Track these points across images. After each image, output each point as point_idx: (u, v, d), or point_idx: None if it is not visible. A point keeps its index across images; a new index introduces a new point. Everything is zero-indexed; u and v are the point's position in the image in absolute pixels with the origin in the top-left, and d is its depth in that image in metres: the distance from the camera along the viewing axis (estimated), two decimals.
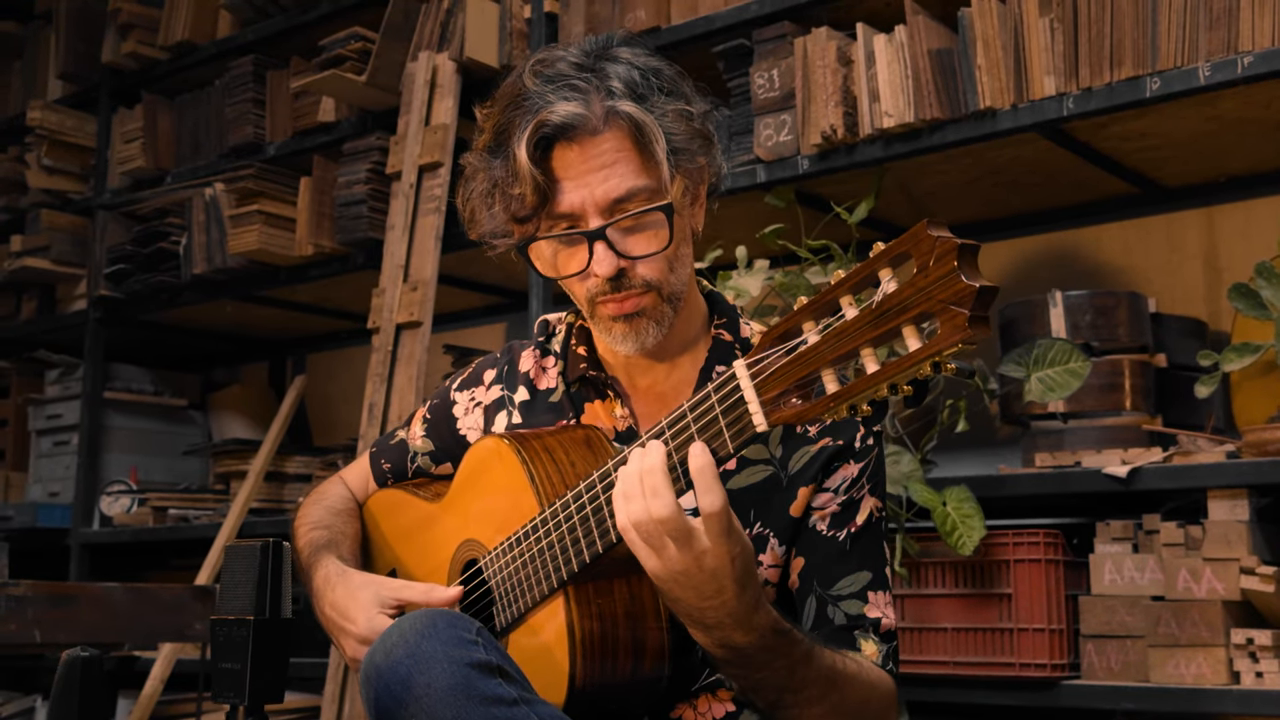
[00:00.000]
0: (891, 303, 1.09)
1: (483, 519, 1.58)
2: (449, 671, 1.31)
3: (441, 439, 1.82)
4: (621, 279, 1.53)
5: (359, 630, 1.55)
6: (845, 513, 1.59)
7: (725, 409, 1.27)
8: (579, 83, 1.51)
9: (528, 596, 1.49)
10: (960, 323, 1.04)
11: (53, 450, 4.51)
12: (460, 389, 1.82)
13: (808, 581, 1.58)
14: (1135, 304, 2.85)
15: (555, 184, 1.52)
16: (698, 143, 1.56)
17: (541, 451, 1.52)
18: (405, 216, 3.41)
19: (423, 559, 1.70)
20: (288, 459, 4.13)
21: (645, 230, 1.53)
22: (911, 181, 3.08)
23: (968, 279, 1.04)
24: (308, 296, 4.14)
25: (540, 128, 1.49)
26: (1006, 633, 2.61)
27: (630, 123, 1.50)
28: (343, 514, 1.83)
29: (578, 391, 1.69)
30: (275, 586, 1.47)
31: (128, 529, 4.17)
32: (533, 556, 1.47)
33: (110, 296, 4.27)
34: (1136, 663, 2.54)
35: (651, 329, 1.56)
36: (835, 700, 1.46)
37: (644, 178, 1.51)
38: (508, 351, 1.81)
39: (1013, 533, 2.62)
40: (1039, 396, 2.62)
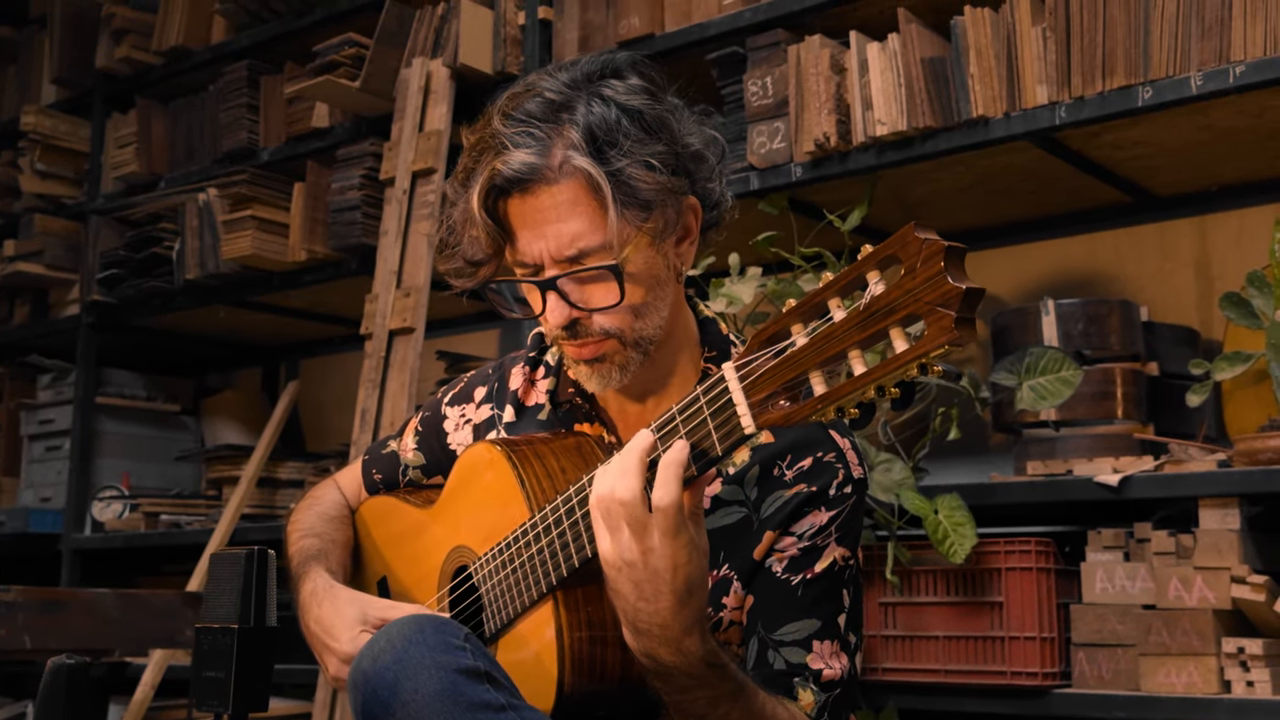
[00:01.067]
0: (879, 305, 1.09)
1: (473, 525, 1.58)
2: (436, 677, 1.30)
3: (432, 452, 1.82)
4: (576, 327, 1.53)
5: (342, 648, 1.55)
6: (804, 558, 1.57)
7: (714, 411, 1.27)
8: (539, 131, 1.49)
9: (517, 603, 1.48)
10: (947, 324, 1.04)
11: (45, 455, 4.50)
12: (452, 404, 1.82)
13: (753, 622, 1.56)
14: (1127, 312, 2.85)
15: (512, 232, 1.52)
16: (672, 189, 1.52)
17: (532, 457, 1.52)
18: (399, 222, 3.40)
19: (413, 566, 1.69)
20: (280, 465, 4.13)
21: (598, 284, 1.52)
22: (904, 189, 3.08)
23: (954, 280, 1.04)
24: (301, 302, 4.14)
25: (493, 177, 1.49)
26: (998, 641, 2.61)
27: (585, 176, 1.48)
28: (335, 520, 1.82)
29: (566, 413, 1.68)
30: (260, 595, 1.47)
31: (119, 535, 4.16)
32: (522, 563, 1.47)
33: (103, 301, 4.26)
34: (1128, 671, 2.53)
35: (615, 373, 1.56)
36: None
37: (599, 233, 1.49)
38: (499, 368, 1.80)
39: (1004, 541, 2.62)
40: (1031, 405, 2.62)
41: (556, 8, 3.32)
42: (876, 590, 2.74)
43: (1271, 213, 2.97)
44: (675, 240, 1.58)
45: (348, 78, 3.58)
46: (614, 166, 1.48)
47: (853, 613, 1.58)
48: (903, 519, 2.64)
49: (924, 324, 1.06)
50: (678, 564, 1.29)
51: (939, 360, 1.06)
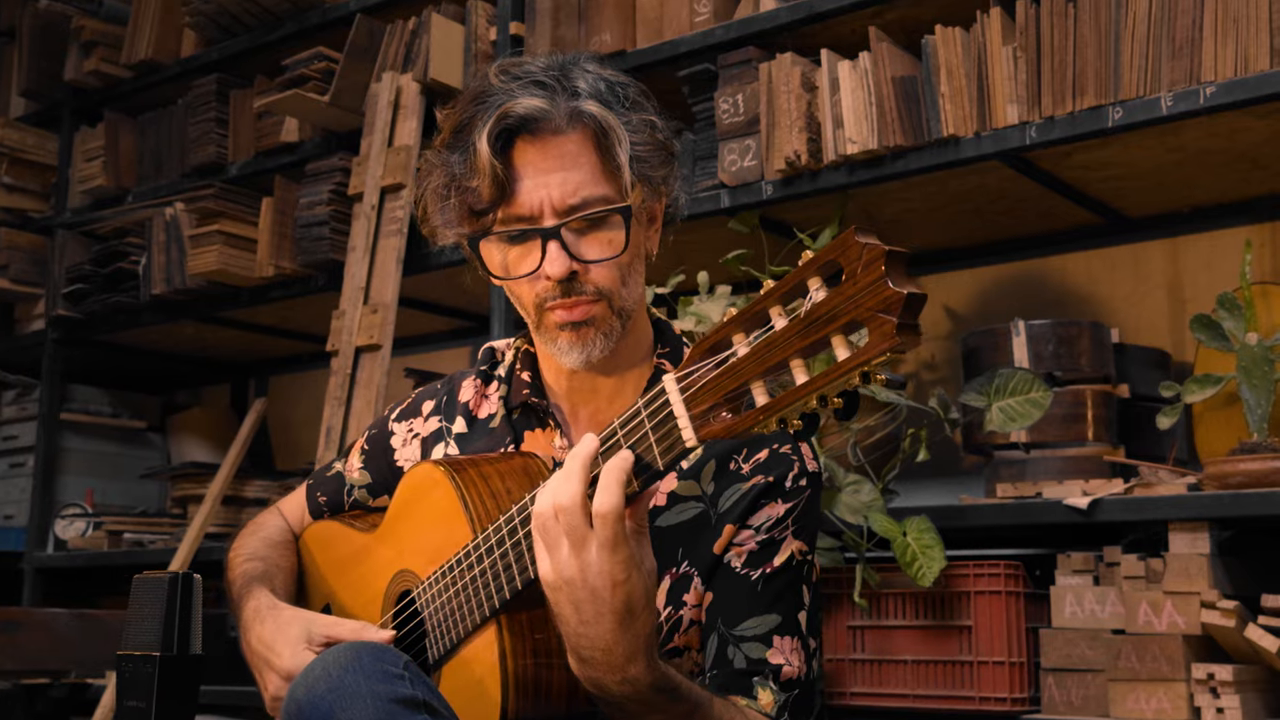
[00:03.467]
0: (820, 312, 1.06)
1: (417, 549, 1.54)
2: (372, 708, 1.25)
3: (379, 471, 1.77)
4: (573, 282, 1.50)
5: (283, 664, 1.49)
6: (763, 551, 1.53)
7: (655, 424, 1.23)
8: (545, 81, 1.50)
9: (460, 627, 1.44)
10: (888, 330, 1.00)
11: (8, 472, 4.44)
12: (399, 419, 1.78)
13: (713, 618, 1.52)
14: (1098, 334, 2.82)
15: (514, 180, 1.49)
16: (660, 156, 1.53)
17: (477, 479, 1.47)
18: (366, 238, 3.37)
19: (358, 592, 1.65)
20: (247, 482, 4.07)
21: (601, 233, 1.50)
22: (875, 208, 3.06)
23: (895, 285, 1.01)
24: (269, 318, 4.09)
25: (503, 119, 1.47)
26: (967, 665, 2.57)
27: (594, 124, 1.48)
28: (279, 545, 1.78)
29: (519, 419, 1.64)
30: (185, 621, 1.41)
31: (82, 553, 4.10)
32: (464, 585, 1.43)
33: (69, 317, 4.21)
34: (1097, 697, 2.50)
35: (599, 341, 1.53)
36: None
37: (603, 185, 1.49)
38: (448, 382, 1.77)
39: (973, 564, 2.59)
40: (1000, 426, 2.59)
41: (528, 23, 3.29)
42: (844, 613, 2.70)
43: (1243, 235, 2.95)
44: (648, 219, 1.59)
45: (317, 92, 3.54)
46: (620, 120, 1.51)
47: (812, 613, 1.55)
48: (871, 541, 2.61)
49: (866, 331, 1.02)
50: (617, 581, 1.24)
51: (881, 368, 1.03)
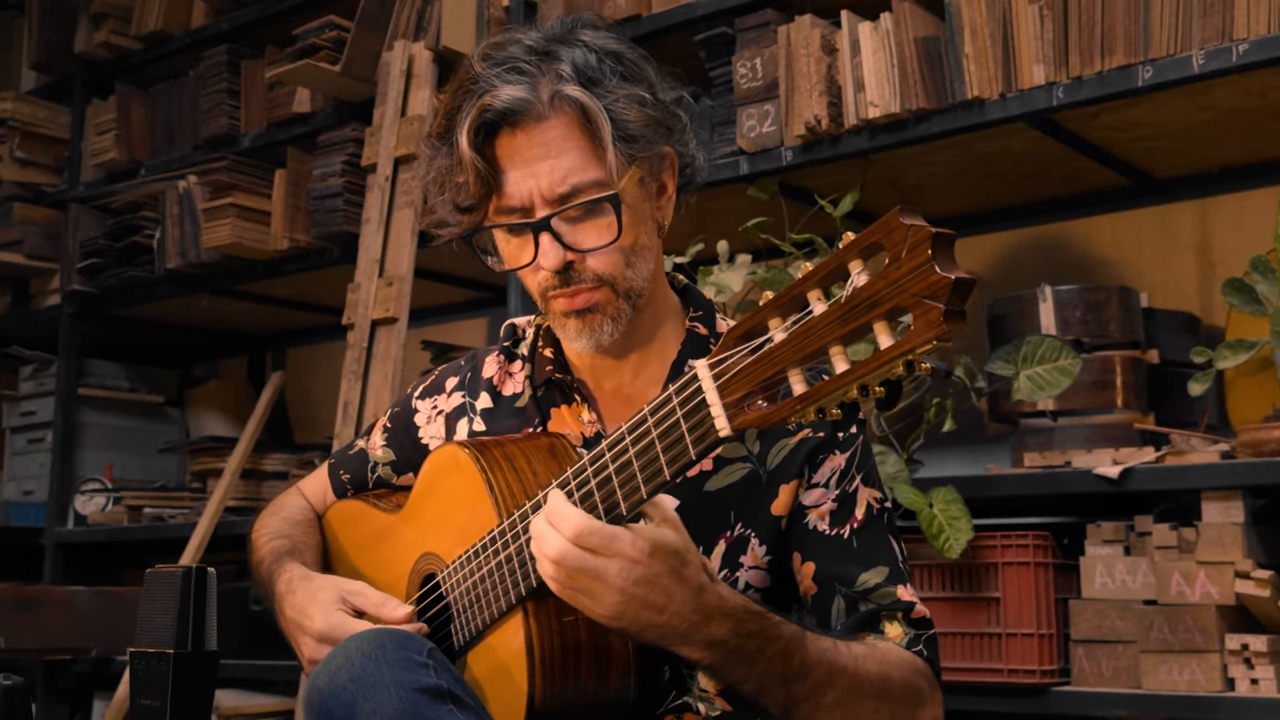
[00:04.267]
0: (861, 297, 1.02)
1: (441, 531, 1.51)
2: (396, 697, 1.23)
3: (402, 448, 1.75)
4: (570, 272, 1.47)
5: (317, 626, 1.48)
6: (843, 509, 1.50)
7: (687, 412, 1.19)
8: (526, 66, 1.44)
9: (486, 613, 1.41)
10: (935, 318, 0.96)
11: (27, 448, 4.42)
12: (422, 397, 1.75)
13: (828, 584, 1.48)
14: (1127, 299, 2.77)
15: (500, 173, 1.46)
16: (656, 130, 1.48)
17: (502, 460, 1.44)
18: (381, 210, 3.33)
19: (382, 571, 1.62)
20: (265, 456, 4.05)
21: (594, 221, 1.46)
22: (898, 173, 3.01)
23: (942, 270, 0.97)
24: (285, 291, 4.06)
25: (483, 113, 1.43)
26: (995, 638, 2.54)
27: (577, 108, 1.43)
28: (302, 524, 1.76)
29: (544, 396, 1.61)
30: (199, 617, 1.38)
31: (103, 528, 4.09)
32: (490, 571, 1.40)
33: (84, 291, 4.18)
34: (1128, 668, 2.46)
35: (606, 325, 1.49)
36: (847, 682, 1.34)
37: (592, 169, 1.44)
38: (471, 358, 1.74)
39: (1001, 535, 2.55)
40: (1028, 395, 2.55)
41: None
42: None
43: (1274, 195, 2.89)
44: (656, 190, 1.54)
45: (329, 62, 3.50)
46: (604, 101, 1.45)
47: (907, 566, 1.52)
48: (897, 512, 2.57)
49: (910, 317, 0.98)
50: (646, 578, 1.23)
51: (927, 356, 0.99)
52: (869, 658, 1.37)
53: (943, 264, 0.97)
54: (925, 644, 1.46)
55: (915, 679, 1.41)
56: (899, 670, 1.39)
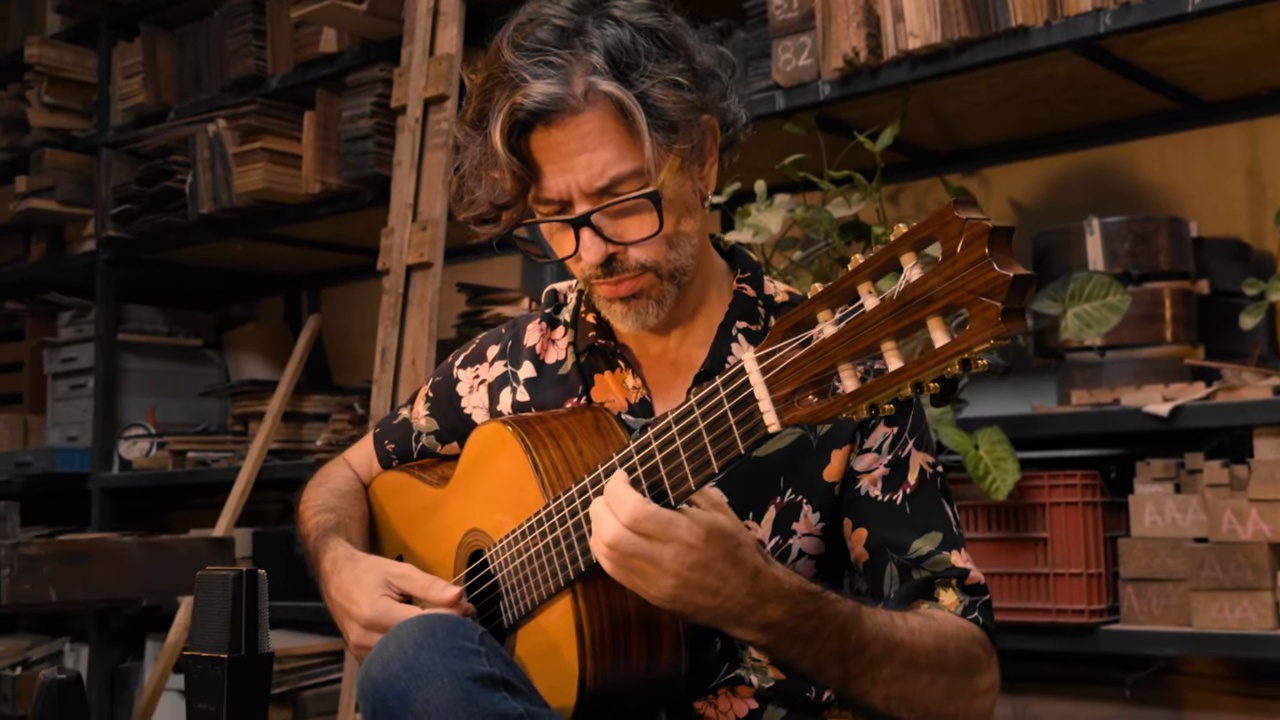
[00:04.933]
0: (915, 292, 0.98)
1: (487, 508, 1.49)
2: (449, 686, 1.22)
3: (445, 418, 1.73)
4: (613, 263, 1.43)
5: (363, 613, 1.47)
6: (895, 474, 1.47)
7: (735, 404, 1.16)
8: (557, 58, 1.38)
9: (535, 594, 1.40)
10: (992, 316, 0.93)
11: (69, 394, 4.45)
12: (463, 366, 1.72)
13: (880, 551, 1.45)
14: (1176, 229, 2.71)
15: (537, 168, 1.41)
16: (695, 110, 1.42)
17: (546, 437, 1.42)
18: (412, 153, 3.28)
19: (430, 546, 1.61)
20: (305, 399, 4.05)
21: (634, 217, 1.42)
22: (938, 103, 2.94)
23: (1000, 267, 0.93)
24: (319, 233, 4.04)
25: (515, 111, 1.38)
26: (1043, 578, 2.52)
27: (612, 101, 1.38)
28: (348, 495, 1.74)
29: (587, 362, 1.58)
30: (252, 619, 1.37)
31: (147, 474, 4.12)
32: (538, 553, 1.38)
33: (119, 237, 4.17)
34: (1179, 606, 2.44)
35: (652, 308, 1.46)
36: (904, 656, 1.32)
37: (630, 160, 1.39)
38: (512, 326, 1.71)
39: (1048, 475, 2.52)
40: (1076, 333, 2.50)
41: None
42: None
43: None
44: (698, 164, 1.49)
45: (354, 0, 3.44)
46: (639, 89, 1.39)
47: (960, 530, 1.49)
48: (941, 453, 2.54)
49: (966, 315, 0.94)
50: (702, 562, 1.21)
51: (984, 355, 0.96)
52: (925, 630, 1.35)
53: (1000, 260, 0.93)
54: (980, 610, 1.44)
55: (972, 648, 1.39)
56: (955, 641, 1.37)
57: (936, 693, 1.34)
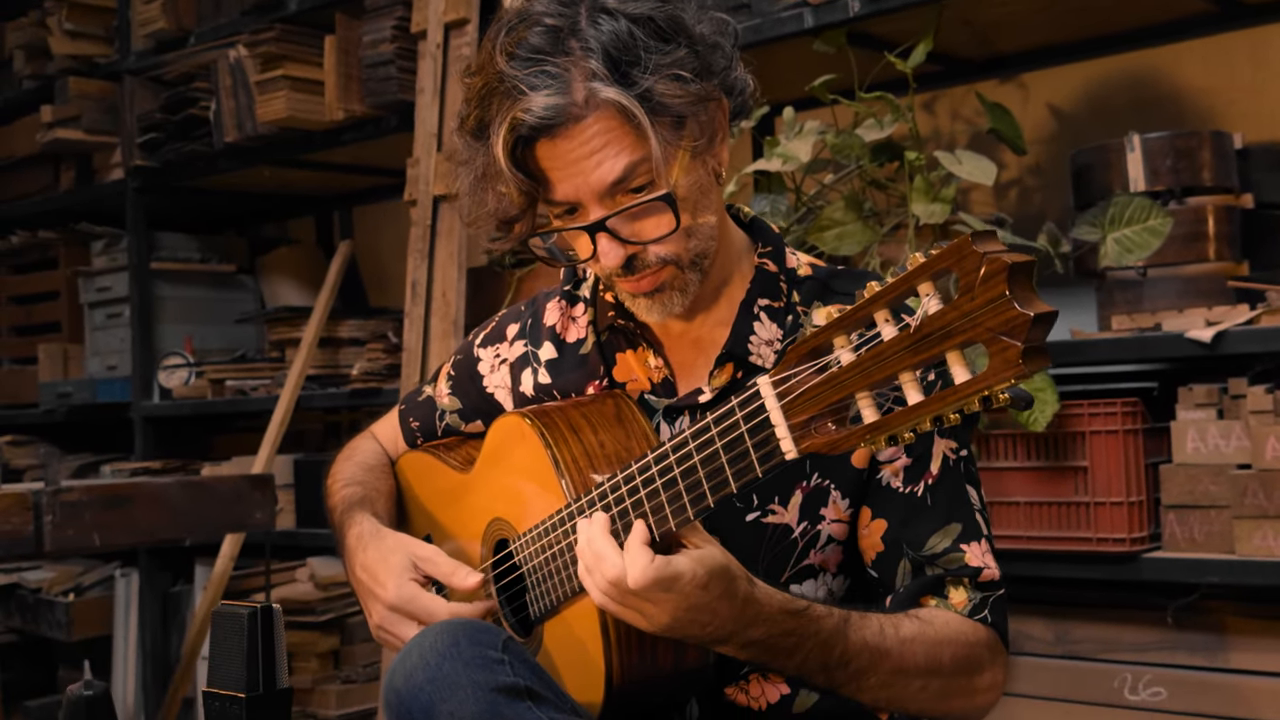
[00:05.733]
0: (933, 326, 0.94)
1: (510, 500, 1.48)
2: (474, 698, 1.22)
3: (468, 397, 1.71)
4: (633, 262, 1.40)
5: (387, 595, 1.47)
6: (917, 464, 1.44)
7: (751, 428, 1.13)
8: (553, 66, 1.33)
9: (560, 590, 1.39)
10: (1012, 357, 0.89)
11: (106, 323, 4.46)
12: (484, 345, 1.70)
13: (895, 545, 1.43)
14: (1220, 143, 2.62)
15: (544, 176, 1.37)
16: (703, 101, 1.37)
17: (567, 432, 1.40)
18: (434, 80, 3.22)
19: (458, 529, 1.61)
20: (340, 323, 4.04)
21: (650, 218, 1.38)
22: (972, 14, 2.84)
23: (1021, 305, 0.88)
24: (346, 158, 3.99)
25: (516, 127, 1.33)
26: (1083, 506, 2.49)
27: (616, 105, 1.32)
28: (375, 469, 1.74)
29: (608, 341, 1.56)
30: (269, 656, 1.36)
31: (188, 402, 4.15)
32: (561, 551, 1.37)
33: (146, 166, 4.15)
34: (1221, 533, 2.41)
35: (676, 298, 1.43)
36: (891, 666, 1.32)
37: (639, 150, 1.34)
38: (531, 304, 1.68)
39: (1088, 403, 2.48)
40: (1116, 260, 2.44)
41: None
42: None
43: None
44: (709, 146, 1.43)
45: None
46: (642, 87, 1.33)
47: (985, 515, 1.47)
48: None
49: (986, 352, 0.91)
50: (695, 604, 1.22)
51: (1005, 390, 0.92)
52: (919, 639, 1.34)
53: (1020, 298, 0.89)
54: (991, 608, 1.41)
55: (974, 649, 1.38)
56: (952, 646, 1.36)
57: (929, 695, 1.35)
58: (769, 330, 1.47)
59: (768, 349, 1.46)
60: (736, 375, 1.47)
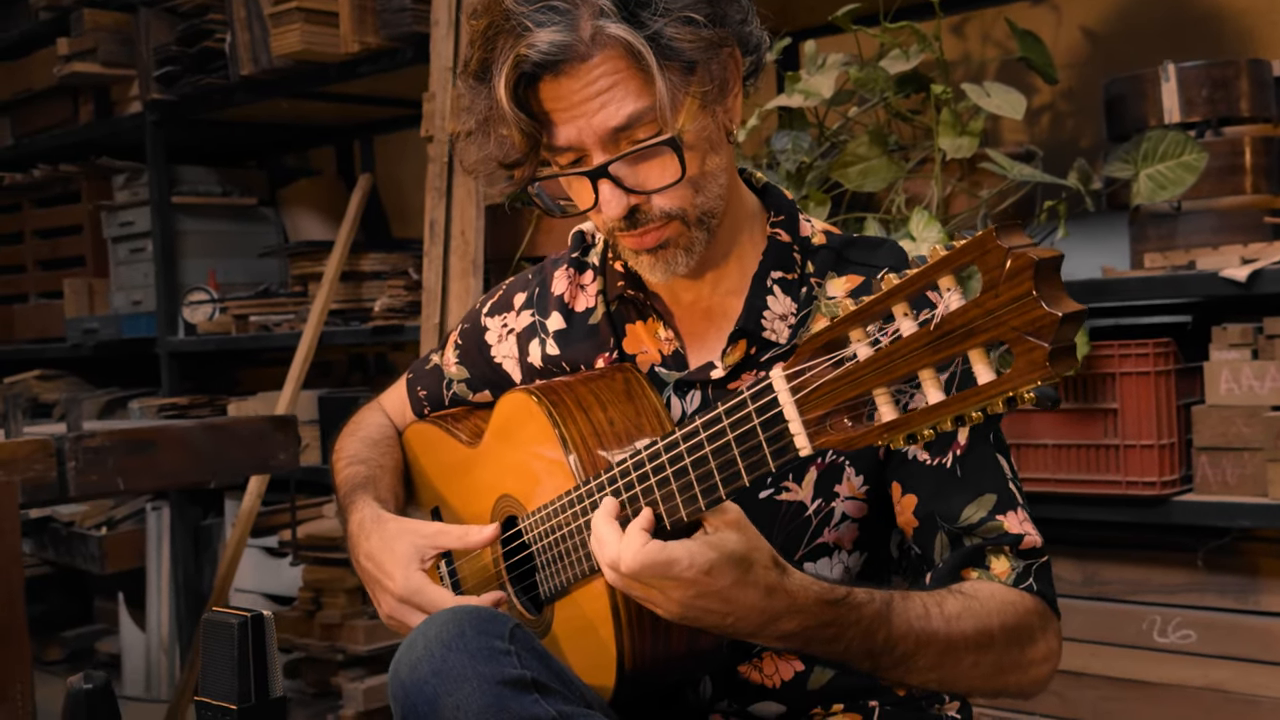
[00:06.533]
0: (955, 323, 0.90)
1: (518, 477, 1.45)
2: (480, 691, 1.19)
3: (476, 366, 1.67)
4: (636, 214, 1.34)
5: (396, 587, 1.45)
6: (943, 435, 1.35)
7: (764, 421, 1.09)
8: (561, 3, 1.27)
9: (570, 572, 1.36)
10: (1039, 359, 0.85)
11: (130, 258, 4.45)
12: (491, 314, 1.66)
13: (929, 519, 1.37)
14: (1257, 72, 2.54)
15: (547, 118, 1.32)
16: (715, 47, 1.31)
17: (575, 409, 1.36)
18: (449, 12, 3.15)
19: (465, 504, 1.58)
20: (363, 257, 4.01)
21: (655, 159, 1.32)
22: None
23: (1049, 305, 0.84)
24: (364, 90, 3.93)
25: (520, 63, 1.27)
26: (1112, 449, 2.45)
27: (623, 44, 1.27)
28: (380, 444, 1.71)
29: (618, 310, 1.51)
30: (260, 666, 1.33)
31: (212, 338, 4.13)
32: (571, 533, 1.34)
33: (164, 100, 4.10)
34: (1254, 476, 2.37)
35: (680, 257, 1.38)
36: (940, 646, 1.27)
37: (646, 97, 1.29)
38: (539, 272, 1.63)
39: (1119, 344, 2.42)
40: (1149, 197, 2.38)
41: None
42: None
43: None
44: (720, 99, 1.37)
45: None
46: (651, 29, 1.28)
47: (1018, 484, 1.41)
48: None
49: (1011, 352, 0.86)
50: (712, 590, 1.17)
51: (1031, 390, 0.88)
52: (966, 614, 1.28)
53: (1048, 296, 0.84)
54: (1036, 575, 1.36)
55: (1023, 618, 1.32)
56: (1001, 616, 1.30)
57: (981, 672, 1.29)
58: (783, 304, 1.42)
59: (781, 323, 1.42)
60: (750, 351, 1.42)
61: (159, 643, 4.27)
